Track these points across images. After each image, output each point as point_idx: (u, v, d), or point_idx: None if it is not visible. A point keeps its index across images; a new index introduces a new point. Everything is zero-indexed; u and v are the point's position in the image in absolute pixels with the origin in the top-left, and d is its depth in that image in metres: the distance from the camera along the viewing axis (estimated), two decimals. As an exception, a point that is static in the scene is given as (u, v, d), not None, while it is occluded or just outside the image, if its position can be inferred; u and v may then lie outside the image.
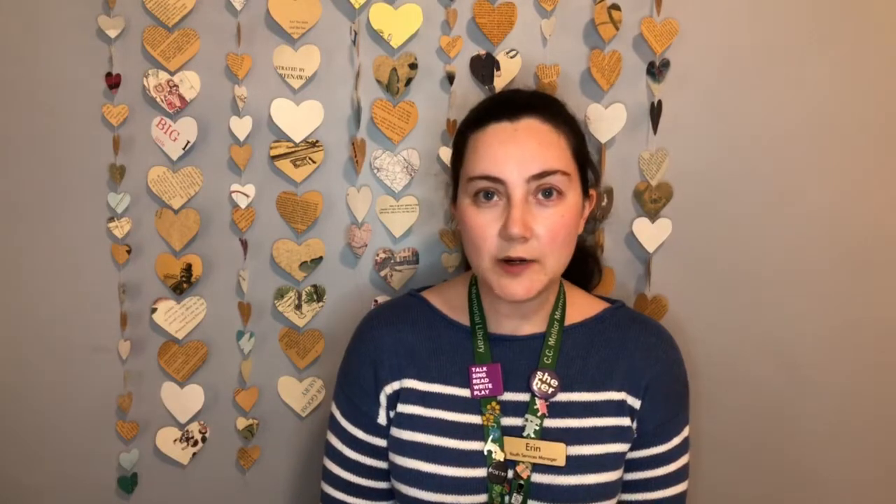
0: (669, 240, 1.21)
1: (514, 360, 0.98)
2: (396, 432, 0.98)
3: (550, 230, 0.89)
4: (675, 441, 1.00)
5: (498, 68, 1.17)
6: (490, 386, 0.96)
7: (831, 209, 1.20)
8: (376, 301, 1.22)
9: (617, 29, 1.16)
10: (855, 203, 1.20)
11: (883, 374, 1.23)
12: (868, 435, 1.25)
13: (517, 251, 0.89)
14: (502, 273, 0.90)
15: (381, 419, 1.00)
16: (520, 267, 0.89)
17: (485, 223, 0.90)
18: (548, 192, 0.90)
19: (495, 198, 0.91)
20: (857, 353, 1.23)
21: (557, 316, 1.00)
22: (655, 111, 1.18)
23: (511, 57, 1.17)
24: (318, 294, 1.22)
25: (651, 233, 1.20)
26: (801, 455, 1.25)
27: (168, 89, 1.15)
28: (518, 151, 0.90)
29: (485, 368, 0.97)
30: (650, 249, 1.21)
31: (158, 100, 1.16)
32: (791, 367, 1.23)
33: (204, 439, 1.24)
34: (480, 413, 0.96)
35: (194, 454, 1.24)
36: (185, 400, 1.22)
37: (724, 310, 1.23)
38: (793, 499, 1.26)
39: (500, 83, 1.17)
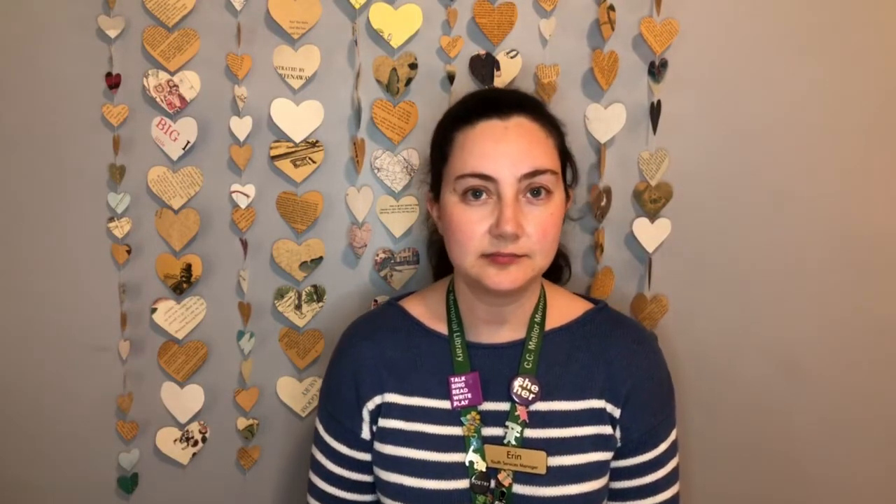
0: (669, 240, 1.21)
1: (494, 369, 0.97)
2: (379, 447, 0.98)
3: (541, 228, 0.89)
4: (663, 447, 0.99)
5: (498, 68, 1.17)
6: (469, 396, 0.96)
7: (831, 209, 1.20)
8: (376, 301, 1.22)
9: (613, 29, 1.16)
10: (854, 203, 1.20)
11: (882, 373, 1.23)
12: (866, 435, 1.25)
13: (507, 248, 0.88)
14: (489, 264, 0.89)
15: (365, 434, 0.99)
16: (509, 258, 0.89)
17: (473, 220, 0.90)
18: (537, 191, 0.90)
19: (485, 195, 0.90)
20: (856, 352, 1.23)
21: (538, 319, 0.99)
22: (655, 111, 1.18)
23: (511, 57, 1.17)
24: (318, 294, 1.22)
25: (651, 233, 1.20)
26: (799, 454, 1.25)
27: (168, 89, 1.15)
28: (510, 150, 0.89)
29: (463, 378, 0.96)
30: (650, 249, 1.21)
31: (158, 100, 1.16)
32: (790, 366, 1.23)
33: (204, 439, 1.24)
34: (461, 424, 0.95)
35: (194, 454, 1.24)
36: (185, 400, 1.22)
37: (724, 310, 1.23)
38: (791, 499, 1.26)
39: (500, 83, 1.17)
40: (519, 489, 0.93)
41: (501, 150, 0.89)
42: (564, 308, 1.02)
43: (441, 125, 0.99)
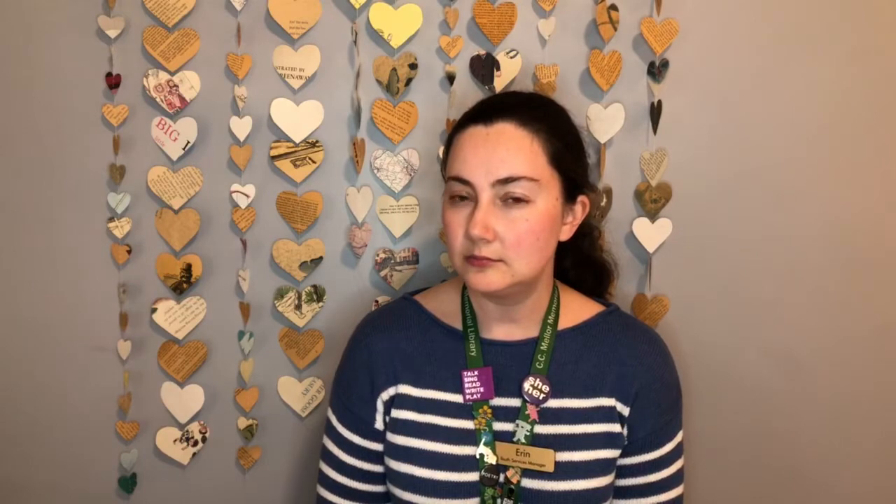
0: (669, 240, 1.21)
1: (507, 365, 0.99)
2: (391, 437, 0.99)
3: (515, 234, 0.90)
4: (668, 447, 1.01)
5: (498, 68, 1.17)
6: (482, 390, 0.97)
7: (831, 209, 1.20)
8: (377, 301, 1.22)
9: (615, 29, 1.16)
10: (855, 203, 1.20)
11: (883, 375, 1.23)
12: (868, 438, 1.24)
13: (481, 251, 0.90)
14: (469, 267, 0.92)
15: (378, 424, 1.00)
16: (484, 262, 0.90)
17: (456, 222, 0.92)
18: (515, 197, 0.90)
19: (468, 199, 0.92)
20: (857, 352, 1.23)
21: (550, 321, 1.00)
22: (655, 111, 1.18)
23: (511, 57, 1.17)
24: (317, 294, 1.22)
25: (651, 233, 1.20)
26: (799, 454, 1.25)
27: (168, 89, 1.15)
28: (486, 155, 0.91)
29: (476, 372, 0.98)
30: (650, 249, 1.21)
31: (158, 100, 1.16)
32: (791, 367, 1.23)
33: (204, 439, 1.24)
34: (473, 417, 0.96)
35: (194, 454, 1.24)
36: (185, 400, 1.22)
37: (724, 310, 1.23)
38: (791, 499, 1.26)
39: (500, 83, 1.17)
40: (527, 483, 0.95)
41: (479, 155, 0.91)
42: (577, 309, 1.03)
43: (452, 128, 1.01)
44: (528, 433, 0.96)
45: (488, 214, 0.89)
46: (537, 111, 0.95)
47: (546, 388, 0.97)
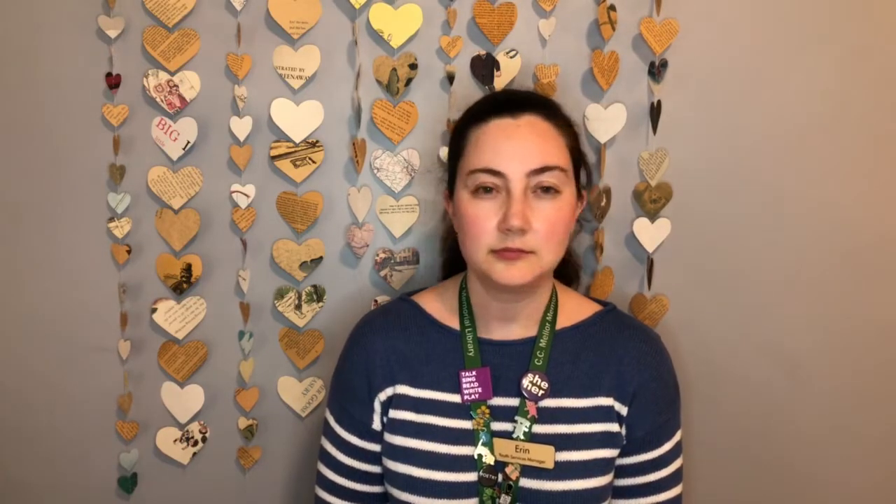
0: (669, 240, 1.21)
1: (505, 365, 0.99)
2: (389, 437, 0.99)
3: (548, 224, 0.91)
4: (667, 447, 1.00)
5: (498, 68, 1.17)
6: (480, 390, 0.97)
7: (831, 209, 1.20)
8: (376, 301, 1.22)
9: (614, 29, 1.16)
10: (855, 203, 1.20)
11: (883, 375, 1.23)
12: (867, 438, 1.25)
13: (515, 243, 0.90)
14: (498, 260, 0.91)
15: (376, 425, 1.00)
16: (516, 253, 0.90)
17: (484, 215, 0.92)
18: (546, 188, 0.91)
19: (494, 191, 0.92)
20: (856, 352, 1.23)
21: (549, 318, 1.00)
22: (655, 111, 1.18)
23: (511, 57, 1.17)
24: (318, 294, 1.22)
25: (651, 233, 1.20)
26: (798, 455, 1.25)
27: (168, 89, 1.15)
28: (519, 146, 0.91)
29: (474, 373, 0.98)
30: (650, 249, 1.21)
31: (158, 100, 1.16)
32: (790, 367, 1.23)
33: (204, 439, 1.24)
34: (471, 418, 0.97)
35: (194, 454, 1.24)
36: (185, 400, 1.22)
37: (724, 310, 1.23)
38: (790, 500, 1.26)
39: (500, 83, 1.17)
40: (525, 483, 0.94)
41: (512, 146, 0.92)
42: (575, 308, 1.03)
43: (457, 124, 1.01)
44: (527, 429, 0.96)
45: (525, 205, 0.90)
46: (552, 105, 0.98)
47: (545, 385, 0.97)
